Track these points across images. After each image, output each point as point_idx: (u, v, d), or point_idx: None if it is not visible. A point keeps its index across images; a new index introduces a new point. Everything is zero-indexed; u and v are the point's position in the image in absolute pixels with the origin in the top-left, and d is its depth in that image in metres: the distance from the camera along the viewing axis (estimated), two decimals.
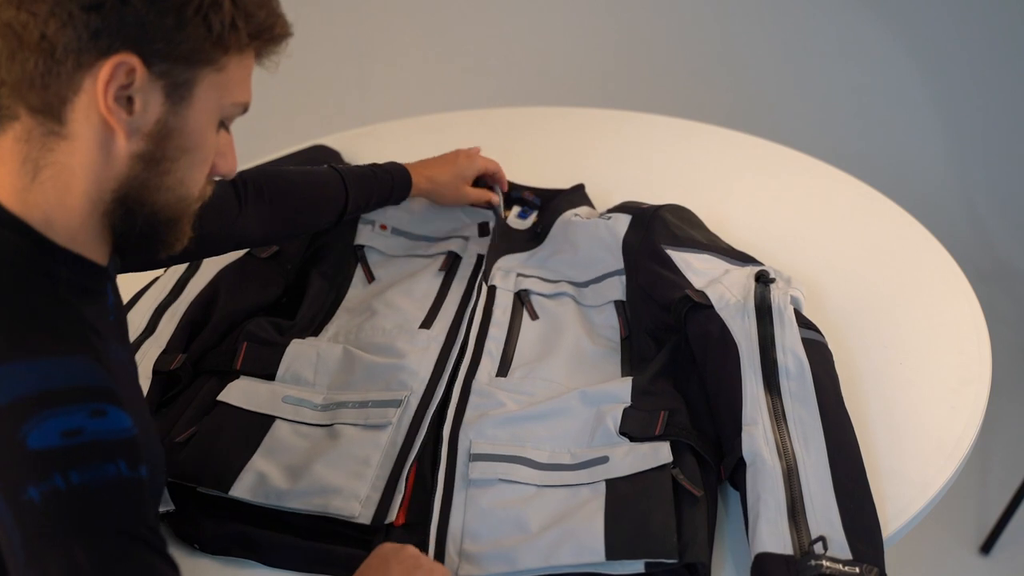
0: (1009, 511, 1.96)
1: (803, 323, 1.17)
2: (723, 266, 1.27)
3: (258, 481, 1.06)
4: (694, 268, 1.26)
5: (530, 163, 1.65)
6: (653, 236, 1.32)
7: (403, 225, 1.46)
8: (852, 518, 0.97)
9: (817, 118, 2.97)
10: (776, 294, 1.19)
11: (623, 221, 1.36)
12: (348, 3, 3.15)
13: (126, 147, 0.78)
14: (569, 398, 1.15)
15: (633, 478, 1.04)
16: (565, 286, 1.35)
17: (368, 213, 1.43)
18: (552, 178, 1.56)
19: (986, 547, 1.99)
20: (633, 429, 1.09)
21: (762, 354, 1.12)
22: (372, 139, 1.79)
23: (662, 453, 1.05)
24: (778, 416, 1.07)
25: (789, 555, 0.94)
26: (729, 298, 1.19)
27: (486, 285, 1.33)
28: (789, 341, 1.13)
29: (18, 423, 0.71)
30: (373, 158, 1.38)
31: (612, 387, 1.15)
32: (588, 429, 1.11)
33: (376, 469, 1.08)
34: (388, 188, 1.36)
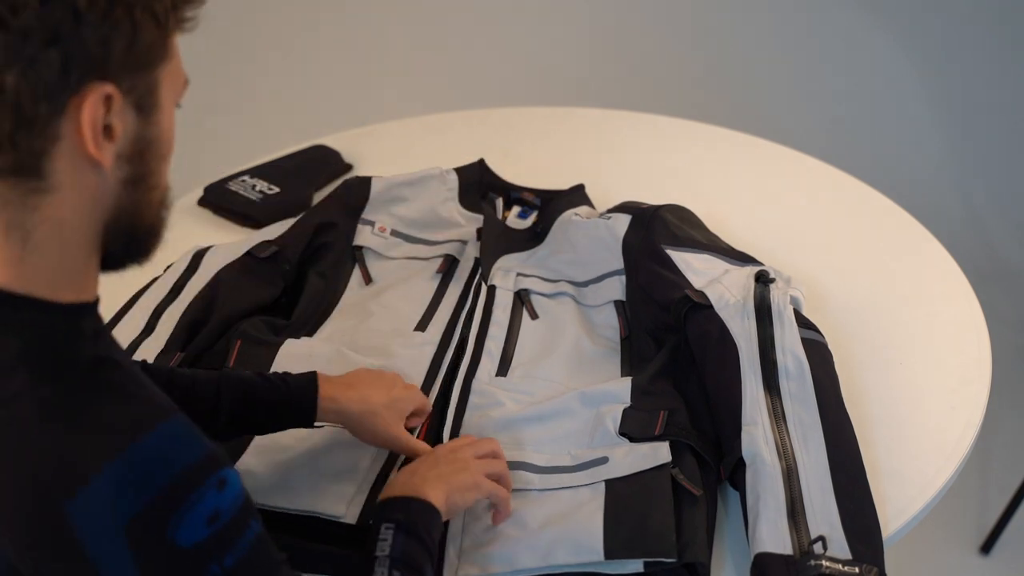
0: (1009, 511, 1.96)
1: (803, 323, 1.17)
2: (723, 266, 1.27)
3: (246, 479, 1.05)
4: (694, 268, 1.26)
5: (530, 163, 1.66)
6: (653, 236, 1.32)
7: (402, 227, 1.46)
8: (852, 518, 0.97)
9: (817, 118, 2.97)
10: (776, 294, 1.18)
11: (623, 221, 1.36)
12: (348, 3, 3.15)
13: (113, 177, 0.71)
14: (568, 399, 1.14)
15: (632, 478, 1.04)
16: (565, 286, 1.35)
17: (369, 214, 1.44)
18: (552, 178, 1.56)
19: (986, 547, 1.99)
20: (633, 429, 1.09)
21: (762, 354, 1.12)
22: (372, 139, 1.79)
23: (661, 453, 1.05)
24: (778, 416, 1.07)
25: (789, 555, 0.94)
26: (729, 298, 1.19)
27: (485, 284, 1.33)
28: (789, 341, 1.13)
29: (159, 525, 0.66)
30: (373, 158, 1.38)
31: (611, 387, 1.15)
32: (588, 430, 1.11)
33: (364, 472, 1.08)
34: (279, 405, 1.05)
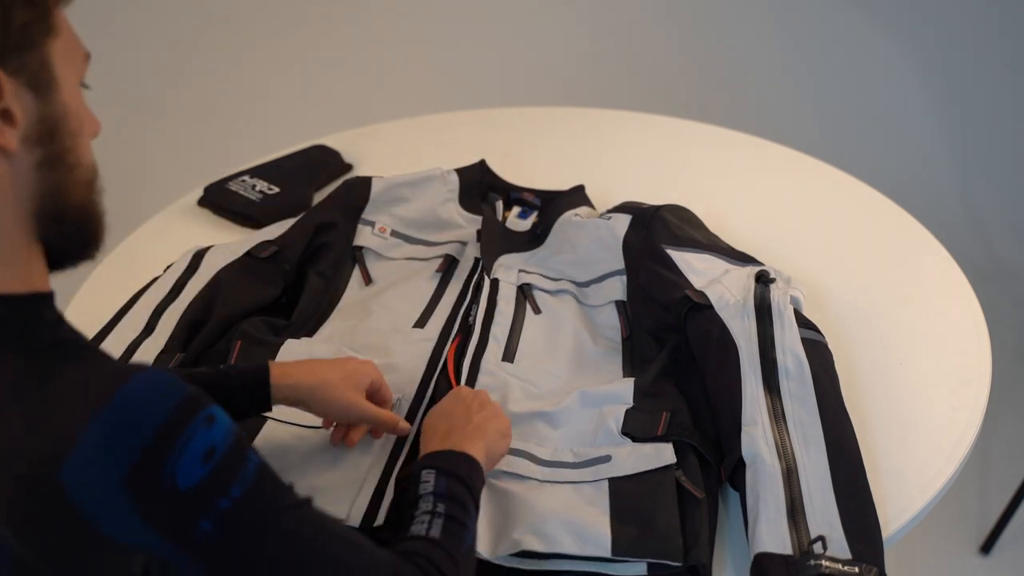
0: (1009, 511, 1.96)
1: (803, 323, 1.17)
2: (723, 266, 1.27)
3: None
4: (694, 268, 1.27)
5: (530, 163, 1.66)
6: (653, 236, 1.32)
7: (402, 228, 1.46)
8: (852, 518, 0.97)
9: (817, 118, 2.97)
10: (776, 294, 1.19)
11: (623, 221, 1.36)
12: (349, 3, 3.15)
13: (27, 161, 0.71)
14: (570, 400, 1.14)
15: (636, 478, 1.04)
16: (567, 284, 1.35)
17: (369, 215, 1.44)
18: (552, 178, 1.56)
19: (986, 547, 1.99)
20: (635, 430, 1.09)
21: (762, 354, 1.12)
22: (372, 139, 1.79)
23: (665, 454, 1.05)
24: (778, 416, 1.07)
25: (788, 555, 0.94)
26: (729, 298, 1.19)
27: (488, 278, 1.33)
28: (789, 341, 1.13)
29: (155, 472, 0.67)
30: (373, 158, 1.38)
31: (614, 388, 1.15)
32: (590, 429, 1.11)
33: (365, 472, 1.08)
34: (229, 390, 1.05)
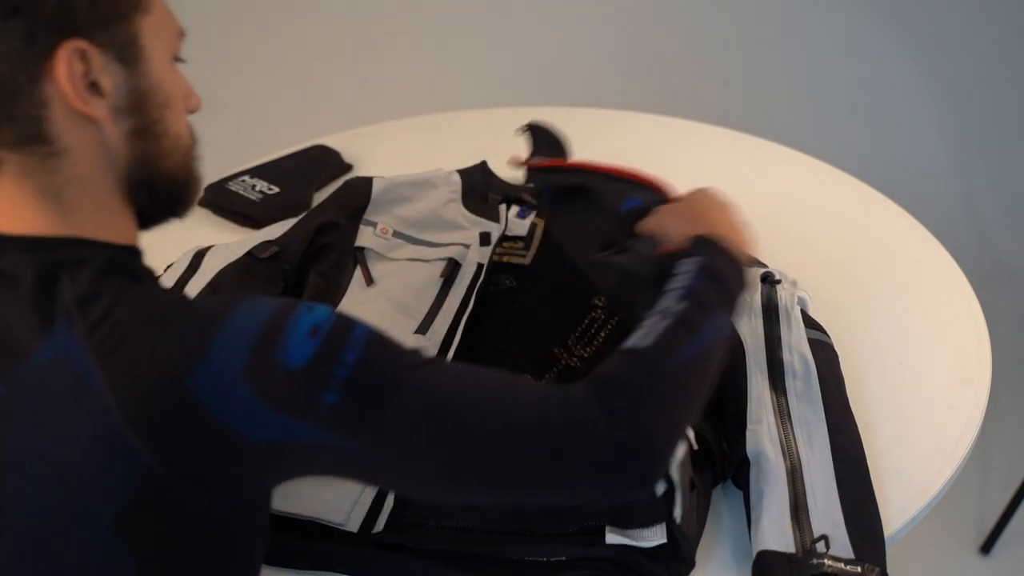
0: (1009, 511, 1.97)
1: (810, 324, 1.17)
2: None
3: None
4: None
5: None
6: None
7: (404, 228, 1.45)
8: (855, 517, 0.97)
9: (817, 118, 2.97)
10: (783, 294, 1.19)
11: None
12: (349, 3, 3.15)
13: (117, 131, 0.76)
14: None
15: None
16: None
17: (371, 215, 1.44)
18: None
19: (986, 547, 1.99)
20: None
21: (768, 353, 1.13)
22: (372, 139, 1.79)
23: None
24: (783, 415, 1.07)
25: (791, 553, 0.94)
26: None
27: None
28: (795, 341, 1.14)
29: (269, 359, 0.70)
30: (373, 158, 1.38)
31: None
32: None
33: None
34: None
